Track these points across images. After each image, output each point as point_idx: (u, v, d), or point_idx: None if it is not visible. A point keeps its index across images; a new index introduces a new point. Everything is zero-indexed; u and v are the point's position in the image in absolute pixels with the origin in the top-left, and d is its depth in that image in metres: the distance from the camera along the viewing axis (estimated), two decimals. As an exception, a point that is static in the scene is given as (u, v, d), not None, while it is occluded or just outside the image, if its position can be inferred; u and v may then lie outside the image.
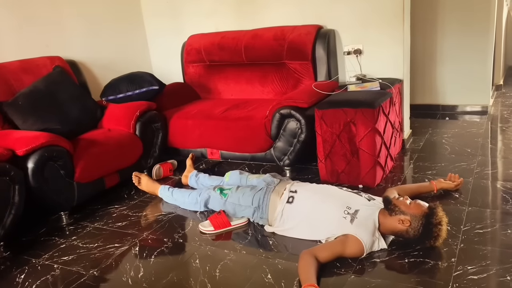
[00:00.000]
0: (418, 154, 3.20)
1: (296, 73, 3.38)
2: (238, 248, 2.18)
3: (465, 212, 2.27)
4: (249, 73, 3.60)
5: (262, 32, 3.51)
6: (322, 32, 3.30)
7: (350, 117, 2.62)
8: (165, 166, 3.29)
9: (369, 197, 2.19)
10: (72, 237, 2.49)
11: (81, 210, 2.80)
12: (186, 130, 3.30)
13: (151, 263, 2.14)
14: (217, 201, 2.50)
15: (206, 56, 3.74)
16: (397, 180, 2.78)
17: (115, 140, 2.97)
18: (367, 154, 2.64)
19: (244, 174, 2.70)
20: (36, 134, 2.58)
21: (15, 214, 2.36)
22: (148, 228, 2.51)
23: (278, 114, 2.86)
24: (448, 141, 3.41)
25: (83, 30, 3.68)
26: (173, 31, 4.08)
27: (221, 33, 3.72)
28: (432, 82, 4.29)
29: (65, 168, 2.62)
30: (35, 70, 3.10)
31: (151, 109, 3.25)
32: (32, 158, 2.45)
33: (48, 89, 2.97)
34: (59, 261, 2.23)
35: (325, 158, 2.80)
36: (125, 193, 3.02)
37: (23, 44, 3.23)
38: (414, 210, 1.97)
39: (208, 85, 3.81)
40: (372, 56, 3.28)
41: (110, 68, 3.77)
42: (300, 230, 2.19)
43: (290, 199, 2.24)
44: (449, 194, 2.49)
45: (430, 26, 4.13)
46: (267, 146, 2.99)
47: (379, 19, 3.18)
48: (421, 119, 4.07)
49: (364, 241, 1.94)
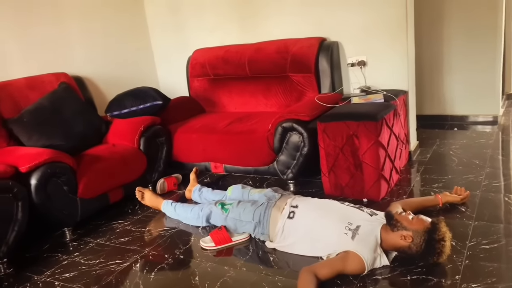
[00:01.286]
0: (425, 166, 3.14)
1: (299, 86, 3.37)
2: (238, 265, 2.15)
3: (471, 227, 2.21)
4: (253, 86, 3.60)
5: (265, 45, 3.52)
6: (325, 44, 3.29)
7: (353, 130, 2.59)
8: (170, 181, 3.29)
9: (371, 212, 2.15)
10: (75, 253, 2.49)
11: (85, 225, 2.81)
12: (190, 144, 3.30)
13: (151, 280, 2.12)
14: (219, 216, 2.48)
15: (210, 70, 3.75)
16: (403, 194, 2.73)
17: (119, 155, 2.98)
18: (370, 167, 2.60)
19: (246, 188, 2.68)
20: (39, 150, 2.60)
21: (18, 231, 2.37)
22: (150, 244, 2.50)
23: (280, 127, 2.84)
24: (456, 152, 3.34)
25: (89, 46, 3.73)
26: (179, 46, 4.11)
27: (225, 47, 3.74)
28: (440, 92, 4.23)
29: (68, 184, 2.63)
30: (41, 86, 3.14)
31: (155, 123, 3.26)
32: (35, 175, 2.47)
33: (53, 106, 3.00)
34: (60, 278, 2.24)
35: (329, 172, 2.77)
36: (129, 208, 3.03)
37: (30, 62, 3.27)
38: (416, 225, 1.93)
39: (212, 98, 3.82)
40: (376, 68, 3.25)
41: (116, 84, 3.79)
42: (301, 246, 2.15)
43: (291, 214, 2.21)
44: (455, 208, 2.43)
45: (436, 36, 4.08)
46: (270, 159, 2.97)
47: (383, 30, 3.16)
48: (429, 130, 4.01)
49: (365, 258, 1.90)
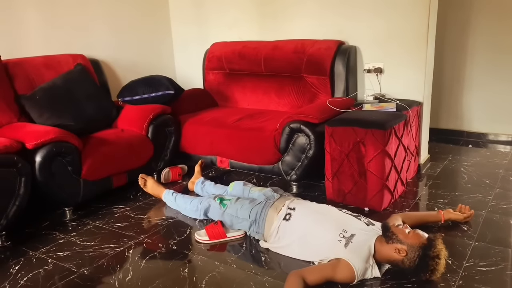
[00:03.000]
0: (433, 181, 3.07)
1: (313, 88, 3.33)
2: (229, 261, 2.14)
3: (471, 247, 2.15)
4: (266, 84, 3.58)
5: (282, 44, 3.49)
6: (343, 48, 3.24)
7: (360, 137, 2.55)
8: (175, 171, 3.29)
9: (368, 222, 2.11)
10: (72, 233, 2.52)
11: (86, 207, 2.84)
12: (198, 136, 3.30)
13: (141, 267, 2.13)
14: (216, 211, 2.47)
15: (226, 64, 3.75)
16: (406, 206, 2.68)
17: (126, 140, 3.00)
18: (375, 176, 2.56)
19: (247, 185, 2.67)
20: (47, 129, 2.64)
21: (19, 206, 2.41)
22: (146, 231, 2.51)
23: (288, 128, 2.81)
24: (467, 169, 3.26)
25: (109, 30, 3.76)
26: (199, 38, 4.11)
27: (242, 43, 3.72)
28: (458, 107, 4.13)
29: (72, 165, 2.66)
30: (57, 66, 3.18)
31: (166, 112, 3.27)
32: (40, 152, 2.50)
33: (66, 86, 3.04)
34: (54, 256, 2.26)
35: (333, 177, 2.73)
36: (131, 194, 3.04)
37: (49, 41, 3.32)
38: (412, 240, 1.88)
39: (226, 93, 3.81)
40: (393, 76, 3.19)
41: (133, 70, 3.83)
42: (294, 249, 2.13)
43: (287, 216, 2.19)
44: (457, 226, 2.37)
45: (461, 48, 3.97)
46: (275, 159, 2.95)
47: (403, 39, 3.09)
48: (443, 145, 3.92)
49: (356, 267, 1.86)
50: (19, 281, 2.04)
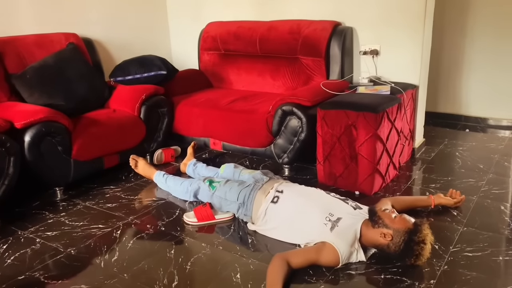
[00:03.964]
0: (427, 165, 3.04)
1: (308, 70, 3.28)
2: (216, 243, 2.14)
3: (459, 232, 2.14)
4: (261, 65, 3.53)
5: (278, 24, 3.42)
6: (339, 29, 3.18)
7: (352, 120, 2.52)
8: (167, 152, 3.28)
9: (355, 206, 2.09)
10: (62, 213, 2.53)
11: (77, 187, 2.84)
12: (191, 118, 3.27)
13: (128, 248, 2.13)
14: (206, 193, 2.46)
15: (221, 44, 3.69)
16: (397, 190, 2.66)
17: (117, 121, 2.98)
18: (366, 160, 2.53)
19: (238, 168, 2.65)
20: (36, 108, 2.62)
21: (8, 185, 2.41)
22: (135, 212, 2.51)
23: (280, 110, 2.78)
24: (462, 154, 3.23)
25: (103, 9, 3.70)
26: (195, 17, 4.04)
27: (238, 23, 3.66)
28: (456, 90, 4.07)
29: (62, 145, 2.65)
30: (49, 45, 3.14)
31: (158, 93, 3.23)
32: (29, 132, 2.49)
33: (57, 65, 3.00)
34: (42, 236, 2.27)
35: (324, 160, 2.71)
36: (123, 175, 3.04)
37: (42, 19, 3.27)
38: (398, 224, 1.87)
39: (221, 74, 3.77)
40: (389, 58, 3.13)
41: (128, 49, 3.77)
42: (280, 231, 2.13)
43: (275, 199, 2.18)
44: (447, 211, 2.35)
45: (460, 30, 3.89)
46: (267, 141, 2.93)
47: (399, 21, 3.02)
48: (440, 129, 3.88)
49: (340, 251, 1.86)
50: (6, 260, 2.05)
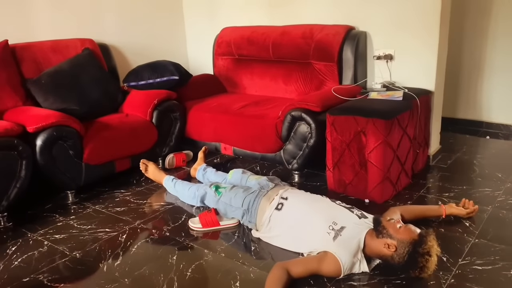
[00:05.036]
0: (442, 173, 2.95)
1: (320, 74, 3.24)
2: (218, 250, 2.13)
3: (470, 244, 2.06)
4: (274, 70, 3.51)
5: (291, 29, 3.40)
6: (352, 34, 3.12)
7: (361, 127, 2.47)
8: (179, 156, 3.29)
9: (361, 215, 2.04)
10: (71, 216, 2.57)
11: (89, 190, 2.88)
12: (203, 123, 3.28)
13: (131, 253, 2.14)
14: (212, 199, 2.46)
15: (235, 49, 3.69)
16: (409, 199, 2.58)
17: (129, 125, 3.01)
18: (375, 167, 2.47)
19: (246, 173, 2.64)
20: (48, 113, 2.67)
21: (20, 188, 2.46)
22: (142, 216, 2.52)
23: (289, 115, 2.75)
24: (480, 162, 3.12)
25: (120, 14, 3.75)
26: (211, 23, 4.05)
27: (252, 28, 3.65)
28: (477, 95, 3.94)
29: (74, 149, 2.69)
30: (64, 51, 3.21)
31: (171, 98, 3.26)
32: (41, 136, 2.54)
33: (72, 70, 3.06)
34: (50, 238, 2.31)
35: (334, 167, 2.66)
36: (134, 178, 3.07)
37: (59, 25, 3.34)
38: (402, 235, 1.81)
39: (234, 79, 3.77)
40: (404, 63, 3.06)
41: (144, 55, 3.80)
42: (284, 239, 2.10)
43: (279, 206, 2.15)
44: (459, 222, 2.27)
45: (481, 33, 3.77)
46: (277, 147, 2.90)
47: (415, 25, 2.94)
48: (459, 135, 3.76)
49: (342, 261, 1.81)
50: (13, 262, 2.09)
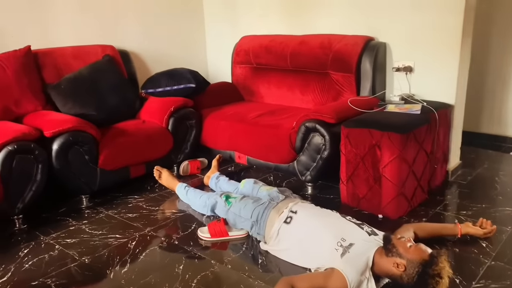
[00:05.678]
0: (461, 190, 2.86)
1: (337, 85, 3.20)
2: (225, 261, 2.11)
3: (485, 266, 1.98)
4: (291, 79, 3.48)
5: (309, 39, 3.37)
6: (371, 45, 3.08)
7: (376, 140, 2.41)
8: (194, 164, 3.30)
9: (371, 232, 1.99)
10: (84, 220, 2.60)
11: (103, 195, 2.91)
12: (218, 131, 3.28)
13: (139, 260, 2.15)
14: (222, 208, 2.44)
15: (253, 58, 3.69)
16: (424, 216, 2.51)
17: (145, 132, 3.04)
18: (390, 182, 2.41)
19: (258, 184, 2.62)
20: (66, 118, 2.72)
21: (35, 191, 2.51)
22: (153, 223, 2.53)
23: (303, 126, 2.72)
24: (502, 179, 3.01)
25: (141, 21, 3.80)
26: (231, 31, 4.06)
27: (270, 36, 3.64)
28: (502, 110, 3.81)
29: (89, 154, 2.73)
30: (85, 57, 3.26)
31: (187, 106, 3.27)
32: (57, 141, 2.59)
33: (91, 76, 3.11)
34: (62, 243, 2.34)
35: (347, 180, 2.62)
36: (149, 185, 3.08)
37: (80, 32, 3.41)
38: (412, 255, 1.75)
39: (251, 87, 3.76)
40: (424, 76, 2.99)
41: (164, 61, 3.83)
42: (292, 253, 2.06)
43: (288, 219, 2.12)
44: (476, 242, 2.18)
45: (506, 48, 3.66)
46: (290, 158, 2.87)
47: (436, 37, 2.88)
48: (481, 150, 3.65)
49: (349, 278, 1.76)
50: (24, 265, 2.13)
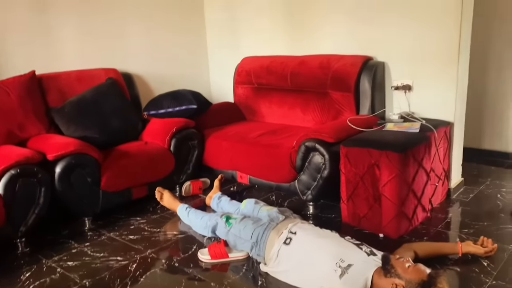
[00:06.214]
0: (463, 208, 2.85)
1: (337, 104, 3.22)
2: (224, 283, 2.11)
3: (486, 286, 1.96)
4: (292, 99, 3.52)
5: (309, 59, 3.42)
6: (369, 64, 3.11)
7: (375, 159, 2.42)
8: (196, 184, 3.32)
9: (370, 252, 1.98)
10: (86, 243, 2.61)
11: (106, 217, 2.92)
12: (220, 151, 3.30)
13: (139, 283, 2.15)
14: (222, 230, 2.45)
15: (254, 78, 3.74)
16: (425, 234, 2.50)
17: (147, 153, 3.07)
18: (389, 201, 2.41)
19: (259, 204, 2.62)
20: (68, 141, 2.76)
21: (38, 214, 2.53)
22: (154, 245, 2.54)
23: (303, 146, 2.73)
24: (504, 196, 2.99)
25: (144, 44, 3.87)
26: (233, 52, 4.11)
27: (271, 57, 3.70)
28: (503, 125, 3.80)
29: (92, 176, 2.76)
30: (89, 80, 3.33)
31: (189, 126, 3.30)
32: (60, 164, 2.62)
33: (94, 99, 3.16)
34: (63, 266, 2.35)
35: (348, 199, 2.62)
36: (151, 206, 3.10)
37: (84, 56, 3.48)
38: (411, 275, 1.75)
39: (253, 107, 3.80)
40: (422, 94, 3.01)
41: (168, 83, 3.88)
42: (291, 275, 2.06)
43: (288, 240, 2.12)
44: (477, 261, 2.17)
45: (506, 64, 3.67)
46: (291, 177, 2.88)
47: (433, 55, 2.91)
48: (484, 167, 3.63)
49: (348, 300, 1.76)
50: (25, 289, 2.14)
